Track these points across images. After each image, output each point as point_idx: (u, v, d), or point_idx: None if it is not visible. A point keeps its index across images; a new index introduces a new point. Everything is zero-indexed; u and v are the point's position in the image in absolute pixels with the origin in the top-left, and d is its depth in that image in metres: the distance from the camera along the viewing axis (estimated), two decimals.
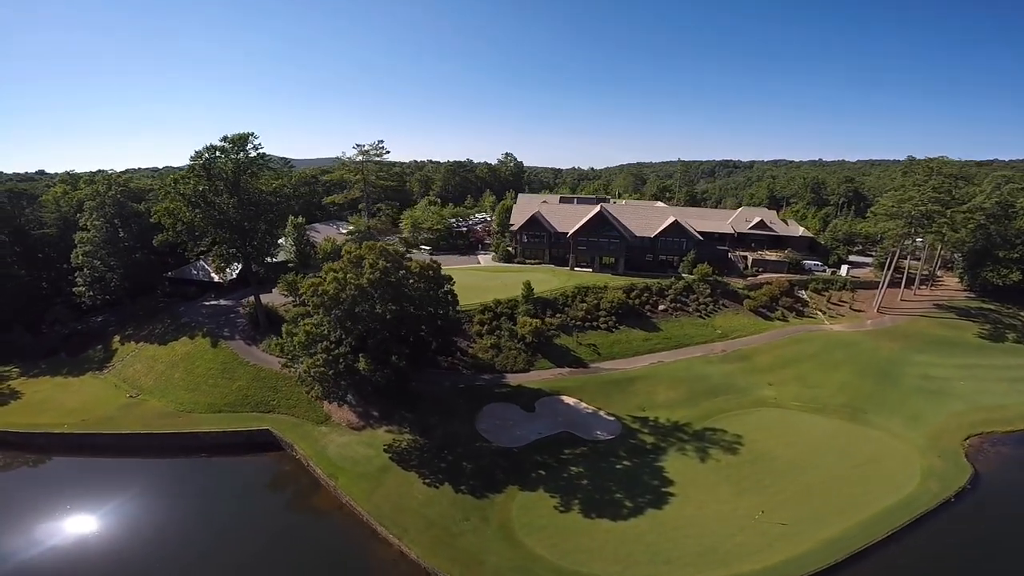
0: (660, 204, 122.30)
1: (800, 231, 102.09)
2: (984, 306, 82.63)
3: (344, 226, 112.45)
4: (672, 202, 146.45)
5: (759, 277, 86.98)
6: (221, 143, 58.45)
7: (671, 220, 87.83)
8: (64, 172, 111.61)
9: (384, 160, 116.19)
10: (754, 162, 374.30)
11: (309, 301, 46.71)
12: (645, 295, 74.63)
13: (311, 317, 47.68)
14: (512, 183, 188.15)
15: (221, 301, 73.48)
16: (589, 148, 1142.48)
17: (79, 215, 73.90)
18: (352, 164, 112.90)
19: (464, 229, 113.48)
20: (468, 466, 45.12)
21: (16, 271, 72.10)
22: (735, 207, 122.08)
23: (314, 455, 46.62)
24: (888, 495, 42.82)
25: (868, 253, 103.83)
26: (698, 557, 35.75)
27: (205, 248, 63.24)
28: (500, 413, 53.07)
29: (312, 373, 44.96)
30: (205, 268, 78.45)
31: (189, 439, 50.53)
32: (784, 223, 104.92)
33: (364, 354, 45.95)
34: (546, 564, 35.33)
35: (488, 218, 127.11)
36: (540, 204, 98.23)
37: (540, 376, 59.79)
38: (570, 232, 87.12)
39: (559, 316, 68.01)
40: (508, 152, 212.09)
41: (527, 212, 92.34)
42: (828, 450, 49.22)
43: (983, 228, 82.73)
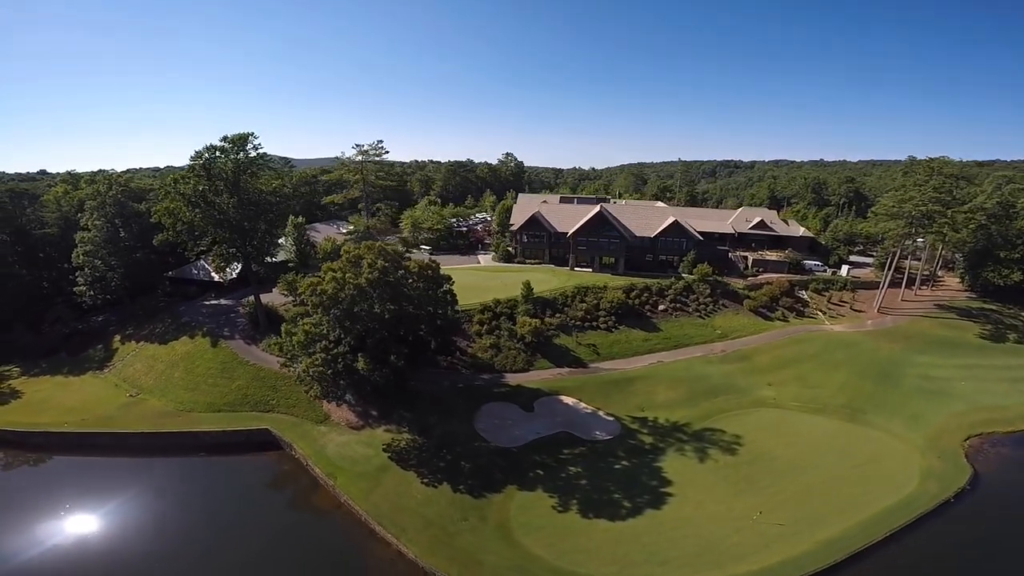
0: (660, 204, 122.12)
1: (801, 231, 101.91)
2: (985, 306, 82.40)
3: (344, 226, 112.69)
4: (672, 202, 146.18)
5: (759, 277, 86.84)
6: (221, 143, 58.66)
7: (671, 220, 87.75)
8: (65, 172, 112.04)
9: (383, 160, 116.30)
10: (755, 162, 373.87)
11: (308, 301, 46.83)
12: (645, 295, 74.57)
13: (310, 317, 47.79)
14: (513, 183, 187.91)
15: (221, 301, 73.69)
16: (590, 148, 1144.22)
17: (80, 215, 74.23)
18: (351, 164, 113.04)
19: (464, 229, 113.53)
20: (466, 466, 45.14)
21: (17, 270, 72.39)
22: (736, 207, 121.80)
23: (313, 454, 46.69)
24: (887, 496, 42.69)
25: (869, 253, 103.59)
26: (695, 558, 35.71)
27: (205, 248, 63.40)
28: (499, 413, 53.08)
29: (311, 372, 45.08)
30: (206, 268, 78.58)
31: (188, 438, 50.68)
32: (784, 223, 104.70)
33: (363, 353, 46.04)
34: (543, 564, 35.33)
35: (488, 218, 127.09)
36: (540, 204, 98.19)
37: (539, 376, 59.78)
38: (570, 232, 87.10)
39: (559, 316, 67.98)
40: (509, 152, 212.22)
41: (527, 212, 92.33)
42: (827, 450, 49.11)
43: (984, 228, 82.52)
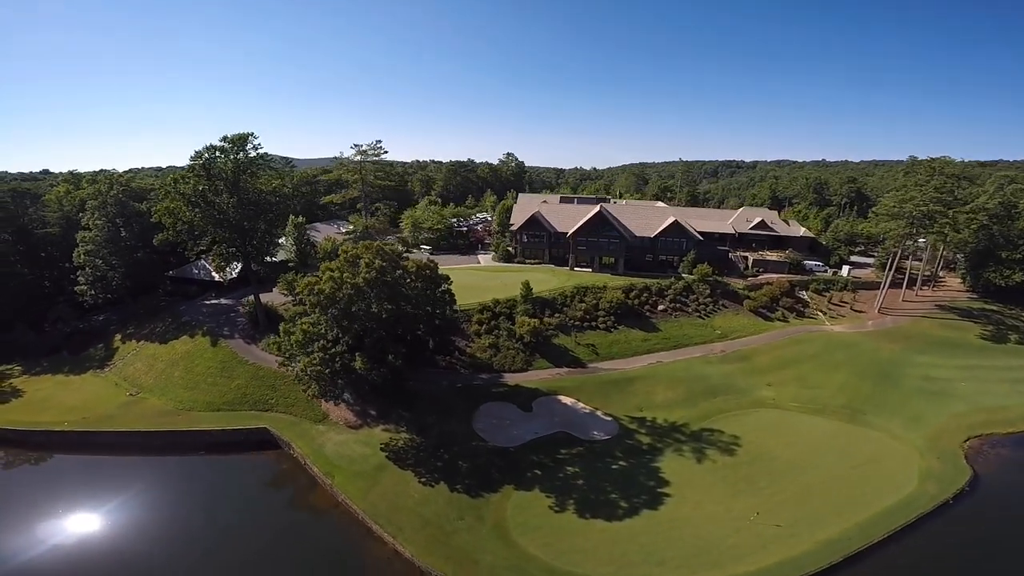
0: (660, 204, 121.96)
1: (801, 231, 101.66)
2: (986, 307, 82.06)
3: (345, 226, 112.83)
4: (673, 202, 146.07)
5: (759, 277, 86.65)
6: (221, 143, 58.83)
7: (671, 220, 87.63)
8: (67, 172, 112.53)
9: (382, 160, 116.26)
10: (757, 162, 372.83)
11: (306, 300, 46.92)
12: (644, 295, 74.49)
13: (308, 316, 47.87)
14: (513, 183, 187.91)
15: (222, 300, 73.93)
16: (591, 148, 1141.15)
17: (81, 214, 74.58)
18: (350, 164, 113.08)
19: (464, 229, 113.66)
20: (464, 465, 45.17)
21: (19, 270, 72.66)
22: (737, 207, 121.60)
23: (311, 453, 46.79)
24: (886, 497, 42.53)
25: (870, 254, 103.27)
26: (692, 558, 35.64)
27: (205, 247, 63.58)
28: (497, 412, 53.10)
29: (309, 372, 45.16)
30: (206, 267, 78.79)
31: (188, 437, 50.87)
32: (785, 223, 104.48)
33: (360, 353, 46.10)
34: (540, 564, 35.31)
35: (489, 218, 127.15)
36: (540, 204, 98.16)
37: (538, 376, 59.77)
38: (570, 232, 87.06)
39: (558, 316, 67.95)
40: (509, 152, 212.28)
41: (527, 212, 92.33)
42: (826, 451, 48.96)
43: (986, 229, 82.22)
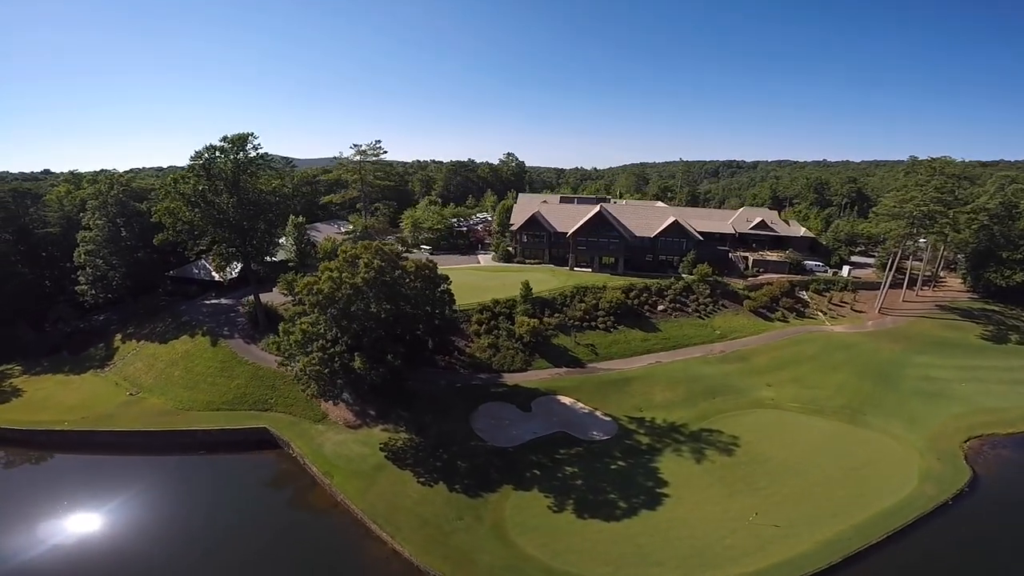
0: (660, 204, 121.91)
1: (801, 231, 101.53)
2: (987, 307, 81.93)
3: (345, 225, 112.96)
4: (673, 202, 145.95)
5: (760, 278, 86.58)
6: (221, 143, 58.94)
7: (671, 220, 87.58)
8: (68, 172, 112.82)
9: (381, 160, 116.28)
10: (758, 162, 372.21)
11: (305, 300, 46.99)
12: (644, 295, 74.48)
13: (307, 316, 47.94)
14: (514, 183, 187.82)
15: (222, 300, 74.06)
16: (592, 148, 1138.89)
17: (82, 214, 74.65)
18: (349, 164, 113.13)
19: (464, 229, 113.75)
20: (463, 465, 45.20)
21: (20, 269, 72.84)
22: (738, 207, 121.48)
23: (310, 453, 46.86)
24: (884, 498, 42.47)
25: (870, 254, 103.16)
26: (689, 559, 35.64)
27: (205, 247, 63.69)
28: (496, 412, 53.13)
29: (307, 371, 45.23)
30: (206, 267, 78.92)
31: (187, 437, 50.98)
32: (785, 223, 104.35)
33: (359, 353, 46.13)
34: (537, 564, 35.34)
35: (489, 218, 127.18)
36: (540, 204, 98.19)
37: (537, 376, 59.80)
38: (570, 232, 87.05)
39: (557, 316, 67.96)
40: (510, 152, 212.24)
41: (527, 212, 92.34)
42: (825, 452, 48.91)
43: (986, 229, 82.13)
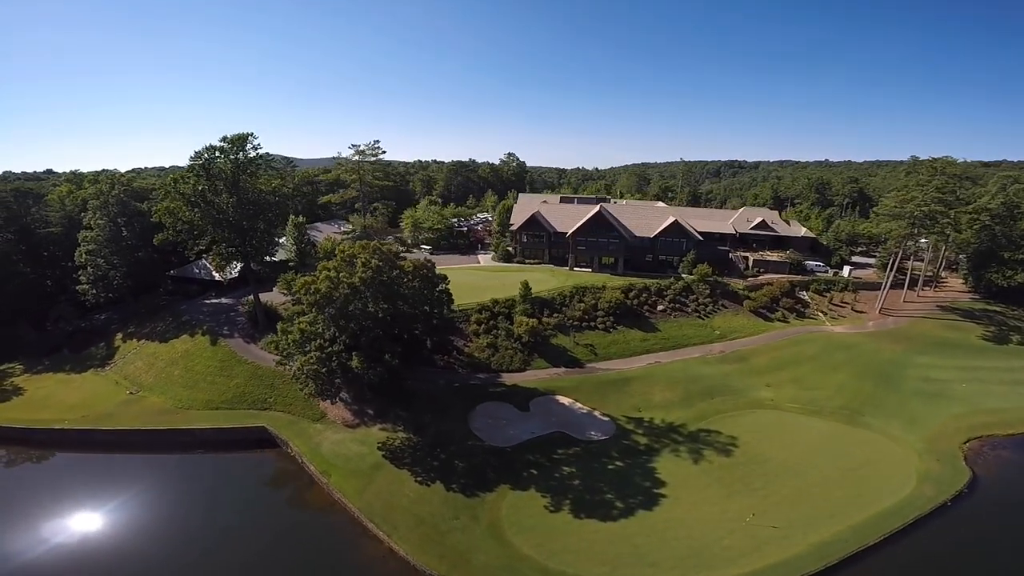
0: (660, 204, 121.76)
1: (802, 231, 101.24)
2: (989, 308, 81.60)
3: (345, 225, 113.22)
4: (674, 202, 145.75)
5: (760, 278, 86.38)
6: (220, 143, 59.13)
7: (671, 220, 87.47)
8: (70, 172, 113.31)
9: (380, 160, 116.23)
10: (760, 162, 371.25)
11: (303, 299, 47.12)
12: (644, 295, 74.40)
13: (305, 315, 48.06)
14: (515, 183, 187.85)
15: (222, 299, 74.32)
16: (593, 148, 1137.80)
17: (83, 214, 75.05)
18: (348, 164, 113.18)
19: (465, 229, 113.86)
20: (460, 465, 45.23)
21: (22, 269, 73.22)
22: (739, 207, 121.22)
23: (308, 452, 46.97)
24: (883, 499, 42.31)
25: (871, 254, 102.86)
26: (686, 559, 35.58)
27: (205, 247, 63.91)
28: (494, 412, 53.15)
29: (305, 370, 45.36)
30: (207, 267, 79.23)
31: (187, 436, 51.17)
32: (786, 223, 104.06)
33: (357, 352, 46.25)
34: (533, 564, 35.34)
35: (490, 218, 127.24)
36: (540, 204, 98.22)
37: (536, 376, 59.80)
38: (569, 232, 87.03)
39: (556, 316, 67.96)
40: (511, 152, 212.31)
41: (527, 212, 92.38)
42: (823, 453, 48.76)
43: (988, 229, 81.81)
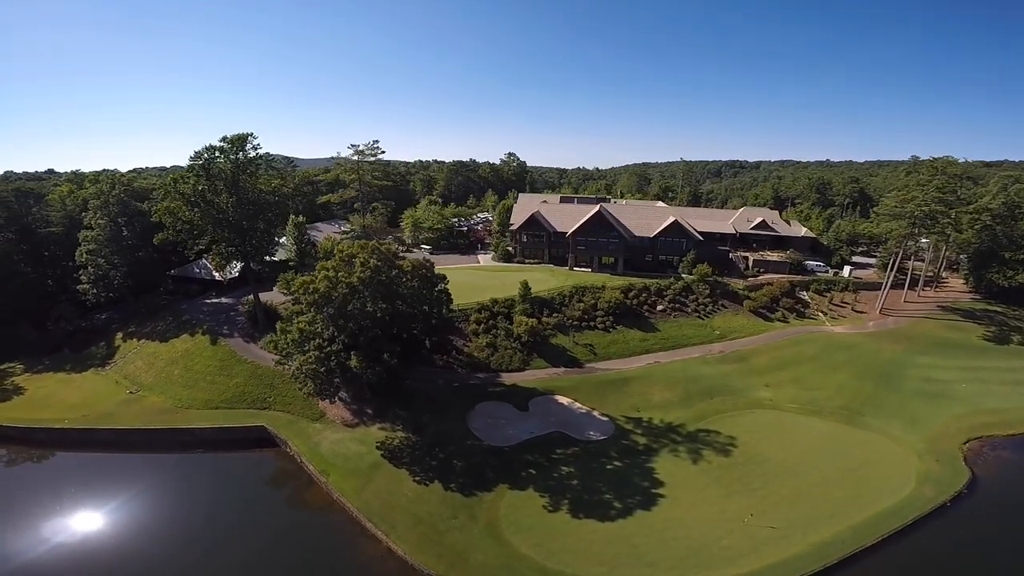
0: (660, 204, 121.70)
1: (802, 231, 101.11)
2: (989, 308, 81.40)
3: (345, 225, 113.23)
4: (674, 202, 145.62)
5: (760, 278, 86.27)
6: (220, 143, 59.20)
7: (671, 220, 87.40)
8: (71, 172, 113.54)
9: (379, 159, 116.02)
10: (761, 162, 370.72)
11: (302, 299, 47.17)
12: (643, 295, 74.35)
13: (304, 315, 48.11)
14: (515, 183, 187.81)
15: (222, 299, 74.46)
16: (593, 148, 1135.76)
17: (84, 214, 75.21)
18: (348, 164, 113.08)
19: (465, 229, 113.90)
20: (459, 464, 45.21)
21: (22, 268, 73.46)
22: (740, 207, 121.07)
23: (307, 452, 47.03)
24: (882, 499, 42.23)
25: (872, 254, 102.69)
26: (684, 560, 35.54)
27: (205, 247, 64.03)
28: (493, 412, 53.15)
29: (304, 370, 45.42)
30: (207, 266, 79.37)
31: (186, 435, 51.28)
32: (786, 223, 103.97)
33: (356, 352, 46.28)
34: (531, 563, 35.34)
35: (490, 218, 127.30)
36: (540, 204, 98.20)
37: (535, 375, 59.79)
38: (569, 232, 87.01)
39: (556, 316, 67.94)
40: (511, 152, 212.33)
41: (527, 212, 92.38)
42: (822, 453, 48.69)
43: (989, 229, 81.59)
